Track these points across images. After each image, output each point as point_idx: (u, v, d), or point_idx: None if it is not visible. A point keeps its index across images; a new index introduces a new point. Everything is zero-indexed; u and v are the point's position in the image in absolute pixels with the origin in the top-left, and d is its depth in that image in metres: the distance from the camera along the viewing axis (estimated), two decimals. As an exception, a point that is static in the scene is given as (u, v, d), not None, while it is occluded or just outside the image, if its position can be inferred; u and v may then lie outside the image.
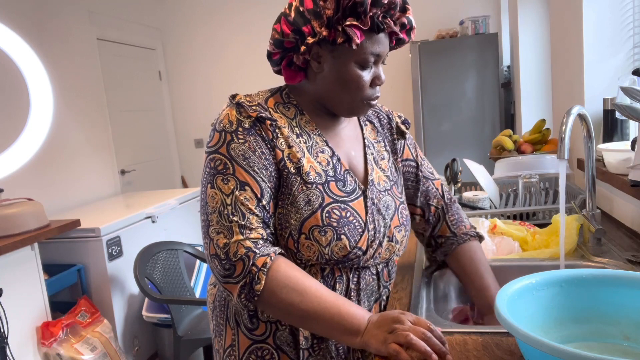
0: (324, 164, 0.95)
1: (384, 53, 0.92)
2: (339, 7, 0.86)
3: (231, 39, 4.54)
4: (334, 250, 0.91)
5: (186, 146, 4.85)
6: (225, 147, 0.90)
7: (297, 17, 0.89)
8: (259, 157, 0.90)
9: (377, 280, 1.02)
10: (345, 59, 0.90)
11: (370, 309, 1.01)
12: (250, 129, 0.91)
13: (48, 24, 3.22)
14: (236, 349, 0.99)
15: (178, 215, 3.30)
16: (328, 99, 0.96)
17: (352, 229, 0.92)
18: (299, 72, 0.96)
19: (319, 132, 0.98)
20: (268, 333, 0.96)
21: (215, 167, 0.90)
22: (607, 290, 0.79)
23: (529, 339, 0.62)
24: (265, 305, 0.87)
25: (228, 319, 1.01)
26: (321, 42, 0.90)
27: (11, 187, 2.69)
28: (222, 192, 0.88)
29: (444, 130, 3.68)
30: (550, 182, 1.90)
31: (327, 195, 0.92)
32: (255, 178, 0.89)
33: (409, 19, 0.93)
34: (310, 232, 0.90)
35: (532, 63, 3.19)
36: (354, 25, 0.86)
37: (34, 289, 2.31)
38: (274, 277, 0.84)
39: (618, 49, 1.66)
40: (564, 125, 1.05)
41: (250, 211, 0.87)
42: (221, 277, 0.86)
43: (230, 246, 0.85)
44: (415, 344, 0.75)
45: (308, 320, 0.85)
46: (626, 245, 1.26)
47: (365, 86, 0.93)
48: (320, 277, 0.94)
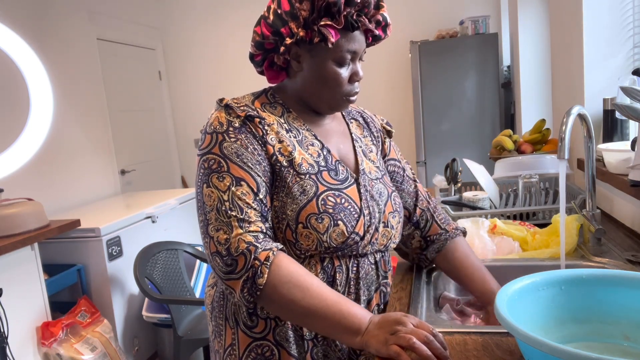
0: (315, 156, 0.98)
1: (360, 50, 0.96)
2: (314, 8, 0.90)
3: (231, 38, 4.54)
4: (332, 237, 0.92)
5: (186, 146, 4.85)
6: (217, 147, 0.92)
7: (276, 19, 0.93)
8: (251, 153, 0.92)
9: (375, 269, 1.03)
10: (322, 58, 0.94)
11: (371, 298, 1.02)
12: (241, 128, 0.94)
13: (48, 24, 3.22)
14: (236, 348, 0.99)
15: (178, 215, 3.30)
16: (309, 96, 1.00)
17: (348, 215, 0.94)
18: (280, 72, 1.01)
19: (307, 127, 1.02)
20: (268, 330, 0.97)
21: (210, 167, 0.91)
22: (607, 290, 0.79)
23: (529, 339, 0.62)
24: (267, 300, 0.87)
25: (227, 318, 1.01)
26: (299, 42, 0.93)
27: (11, 187, 2.69)
28: (219, 190, 0.89)
29: (444, 130, 3.68)
30: (550, 182, 1.90)
31: (321, 184, 0.94)
32: (250, 173, 0.90)
33: (384, 15, 0.97)
34: (307, 220, 0.91)
35: (532, 63, 3.18)
36: (329, 25, 0.90)
37: (34, 289, 2.31)
38: (276, 272, 0.84)
39: (618, 49, 1.66)
40: (564, 125, 1.05)
41: (247, 205, 0.89)
42: (223, 274, 0.86)
43: (231, 241, 0.86)
44: (418, 347, 0.75)
45: (309, 317, 0.85)
46: (626, 245, 1.27)
47: (343, 82, 0.96)
48: (320, 267, 0.95)
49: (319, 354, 0.98)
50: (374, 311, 1.03)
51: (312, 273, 0.93)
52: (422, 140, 3.71)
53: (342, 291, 0.97)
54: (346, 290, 0.98)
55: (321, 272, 0.95)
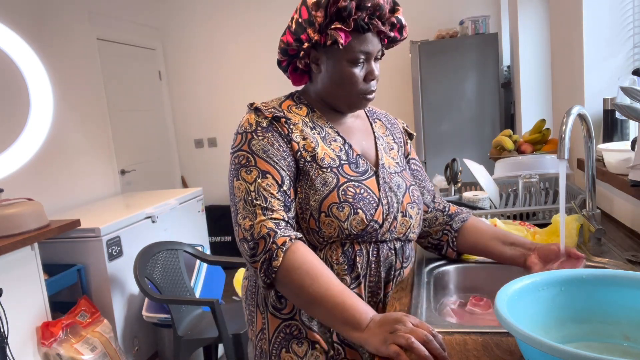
0: (337, 150, 1.06)
1: (374, 51, 1.03)
2: (327, 14, 0.98)
3: (231, 38, 4.55)
4: (352, 225, 0.99)
5: (186, 146, 4.85)
6: (247, 145, 1.01)
7: (297, 27, 1.03)
8: (277, 149, 1.01)
9: (394, 255, 1.08)
10: (337, 59, 1.02)
11: (388, 282, 1.08)
12: (268, 127, 1.03)
13: (48, 24, 3.22)
14: (266, 332, 1.07)
15: (178, 215, 3.30)
16: (329, 96, 1.08)
17: (367, 204, 1.01)
18: (303, 76, 1.10)
19: (330, 124, 1.10)
20: (295, 310, 1.04)
21: (239, 162, 1.00)
22: (607, 290, 0.79)
23: (529, 339, 0.62)
24: (281, 284, 0.93)
25: (258, 305, 1.09)
26: (316, 46, 1.02)
27: (11, 187, 2.69)
28: (246, 182, 0.98)
29: (444, 130, 3.68)
30: (550, 182, 1.90)
31: (342, 176, 1.02)
32: (275, 167, 0.99)
33: (398, 18, 1.04)
34: (329, 209, 0.99)
35: (532, 63, 3.19)
36: (339, 28, 0.98)
37: (34, 289, 2.31)
38: (290, 257, 0.91)
39: (618, 49, 1.66)
40: (564, 125, 1.05)
41: (272, 195, 0.97)
42: (249, 257, 0.94)
43: (255, 227, 0.94)
44: (416, 347, 0.75)
45: (314, 304, 0.89)
46: (626, 245, 1.26)
47: (358, 81, 1.03)
48: (341, 251, 1.02)
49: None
50: (389, 294, 1.08)
51: (334, 257, 1.02)
52: (422, 140, 3.71)
53: (363, 274, 1.04)
54: (367, 273, 1.04)
55: (342, 256, 1.02)
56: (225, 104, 4.65)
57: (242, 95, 4.55)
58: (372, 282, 1.05)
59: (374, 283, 1.06)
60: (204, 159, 4.81)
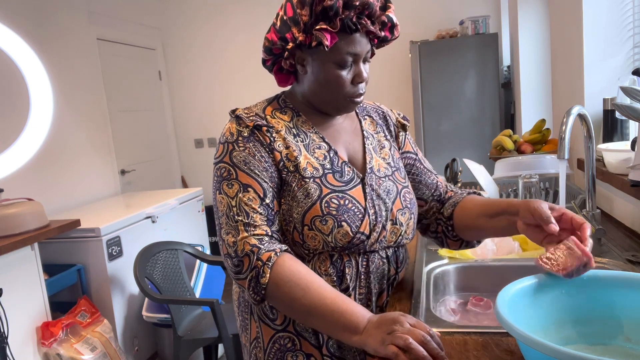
0: (320, 159, 1.01)
1: (362, 52, 0.97)
2: (312, 13, 0.93)
3: (231, 39, 4.54)
4: (337, 238, 0.95)
5: (186, 146, 4.85)
6: (228, 156, 0.97)
7: (282, 25, 0.97)
8: (258, 160, 0.96)
9: (387, 263, 1.04)
10: (323, 60, 0.96)
11: (382, 291, 1.04)
12: (249, 137, 0.98)
13: (48, 24, 3.22)
14: (261, 341, 1.05)
15: (178, 215, 3.30)
16: (315, 99, 1.03)
17: (352, 216, 0.96)
18: (288, 76, 1.05)
19: (316, 130, 1.04)
20: (287, 321, 1.01)
21: (221, 175, 0.97)
22: (608, 291, 0.79)
23: (529, 341, 0.62)
24: (272, 299, 0.90)
25: (252, 312, 1.06)
26: (301, 46, 0.97)
27: (11, 187, 2.69)
28: (228, 196, 0.95)
29: (443, 130, 3.68)
30: (550, 182, 1.90)
31: (325, 187, 0.97)
32: (256, 180, 0.95)
33: (389, 16, 0.98)
34: (312, 222, 0.95)
35: (532, 63, 3.19)
36: (324, 29, 0.92)
37: (34, 289, 2.31)
38: (278, 272, 0.88)
39: (618, 49, 1.66)
40: (564, 125, 1.05)
41: (253, 210, 0.93)
42: (233, 274, 0.92)
43: (238, 244, 0.91)
44: (414, 347, 0.74)
45: (309, 315, 0.87)
46: (626, 245, 1.26)
47: (345, 84, 0.98)
48: (330, 263, 0.98)
49: (334, 346, 1.01)
50: (385, 304, 1.05)
51: (322, 268, 0.98)
52: (422, 140, 3.71)
53: (352, 285, 1.00)
54: (357, 285, 1.00)
55: (331, 267, 0.98)
56: (226, 104, 4.65)
57: (242, 95, 4.55)
58: (361, 293, 1.01)
59: (364, 295, 1.02)
60: (204, 159, 4.81)
